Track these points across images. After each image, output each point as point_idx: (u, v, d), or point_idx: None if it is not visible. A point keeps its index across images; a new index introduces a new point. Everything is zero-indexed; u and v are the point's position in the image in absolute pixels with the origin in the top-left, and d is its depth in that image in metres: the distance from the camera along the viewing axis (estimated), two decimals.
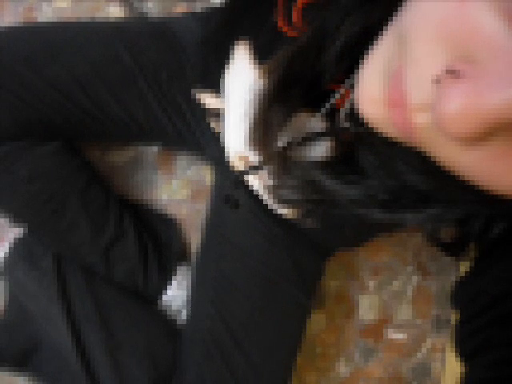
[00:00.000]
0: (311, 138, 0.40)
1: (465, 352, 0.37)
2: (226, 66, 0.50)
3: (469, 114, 0.21)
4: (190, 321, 0.67)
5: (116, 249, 0.68)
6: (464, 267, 0.39)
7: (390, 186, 0.35)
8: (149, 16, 0.79)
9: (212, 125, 0.59)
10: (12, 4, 0.79)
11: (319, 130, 0.40)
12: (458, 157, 0.25)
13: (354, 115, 0.35)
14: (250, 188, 0.57)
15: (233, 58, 0.49)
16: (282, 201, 0.42)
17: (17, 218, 0.66)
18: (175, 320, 0.73)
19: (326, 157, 0.40)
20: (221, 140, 0.55)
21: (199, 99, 0.58)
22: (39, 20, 0.79)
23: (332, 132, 0.39)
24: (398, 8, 0.27)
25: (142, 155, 0.79)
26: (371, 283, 0.80)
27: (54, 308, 0.65)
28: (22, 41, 0.60)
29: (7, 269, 0.69)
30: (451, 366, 0.77)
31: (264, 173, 0.52)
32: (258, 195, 0.58)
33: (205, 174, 0.79)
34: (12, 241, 0.71)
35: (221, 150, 0.56)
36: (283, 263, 0.63)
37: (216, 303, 0.63)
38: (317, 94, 0.38)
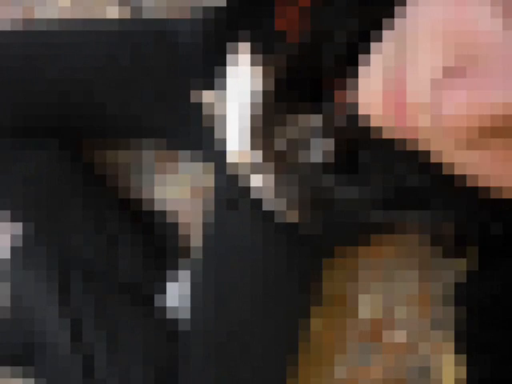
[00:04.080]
0: (311, 138, 0.40)
1: (465, 352, 0.37)
2: (225, 65, 0.50)
3: (469, 114, 0.21)
4: (190, 321, 0.67)
5: (116, 248, 0.68)
6: (464, 267, 0.39)
7: (390, 186, 0.35)
8: (149, 16, 0.79)
9: (212, 125, 0.59)
10: (12, 4, 0.79)
11: (319, 130, 0.40)
12: (459, 157, 0.25)
13: (354, 115, 0.35)
14: (249, 188, 0.57)
15: (233, 58, 0.49)
16: (282, 201, 0.42)
17: (16, 217, 0.66)
18: (175, 320, 0.73)
19: (326, 156, 0.40)
20: (220, 140, 0.55)
21: (199, 99, 0.58)
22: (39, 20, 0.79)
23: (332, 132, 0.39)
24: (398, 8, 0.27)
25: (141, 155, 0.79)
26: (371, 283, 0.80)
27: (54, 308, 0.65)
28: (21, 41, 0.60)
29: (7, 268, 0.69)
30: (451, 366, 0.77)
31: (264, 173, 0.52)
32: (258, 195, 0.58)
33: (205, 174, 0.79)
34: (11, 241, 0.70)
35: (220, 149, 0.56)
36: (283, 263, 0.63)
37: (216, 303, 0.63)
38: (317, 94, 0.38)
